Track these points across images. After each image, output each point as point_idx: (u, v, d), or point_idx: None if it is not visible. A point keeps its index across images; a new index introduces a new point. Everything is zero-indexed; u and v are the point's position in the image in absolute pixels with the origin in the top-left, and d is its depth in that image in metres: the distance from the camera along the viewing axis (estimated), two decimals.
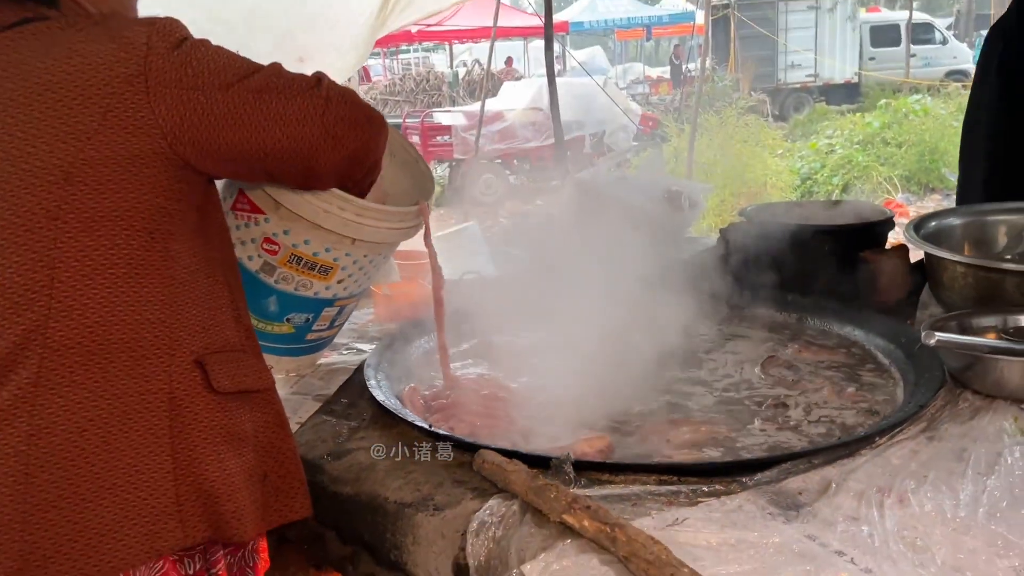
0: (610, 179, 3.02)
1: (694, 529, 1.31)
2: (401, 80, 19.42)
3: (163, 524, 1.29)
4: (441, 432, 1.64)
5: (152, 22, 1.30)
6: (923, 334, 1.62)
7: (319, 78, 1.40)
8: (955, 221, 2.40)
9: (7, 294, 1.24)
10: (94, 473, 1.26)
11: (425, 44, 24.15)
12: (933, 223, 2.37)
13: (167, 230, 1.32)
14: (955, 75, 20.44)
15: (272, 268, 1.79)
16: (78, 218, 1.25)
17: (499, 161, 13.29)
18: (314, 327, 1.91)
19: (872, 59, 20.97)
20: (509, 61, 18.81)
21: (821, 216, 2.72)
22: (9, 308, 1.24)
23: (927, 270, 2.26)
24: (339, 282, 1.84)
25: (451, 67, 21.47)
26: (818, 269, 2.45)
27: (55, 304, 1.24)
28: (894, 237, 2.72)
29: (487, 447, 1.55)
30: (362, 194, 1.70)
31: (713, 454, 1.63)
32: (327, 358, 2.16)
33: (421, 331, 2.23)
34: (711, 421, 1.77)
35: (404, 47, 23.31)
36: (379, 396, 1.81)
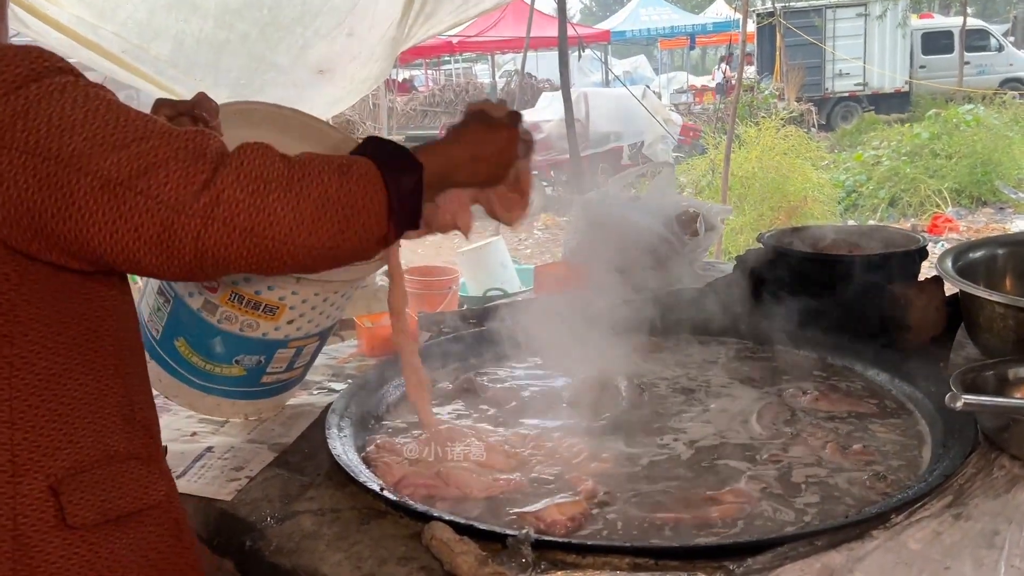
0: (620, 201, 2.81)
1: None
2: (441, 91, 19.32)
3: None
4: (392, 498, 1.46)
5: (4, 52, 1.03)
6: (947, 396, 1.39)
7: (216, 166, 1.05)
8: (998, 252, 2.15)
9: None
10: None
11: (467, 55, 24.12)
12: (972, 254, 2.12)
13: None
14: (1011, 83, 19.74)
15: (214, 307, 1.63)
16: None
17: (536, 172, 13.09)
18: (268, 370, 1.75)
19: (923, 67, 20.33)
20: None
21: (847, 243, 2.48)
22: None
23: (963, 308, 2.02)
24: (290, 322, 1.67)
25: (493, 78, 21.38)
26: (842, 303, 2.22)
27: None
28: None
29: (439, 518, 1.37)
30: None
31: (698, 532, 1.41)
32: (296, 398, 1.99)
33: (399, 369, 2.05)
34: (704, 487, 1.55)
35: (446, 58, 23.28)
36: (336, 449, 1.63)
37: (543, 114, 13.32)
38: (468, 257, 6.76)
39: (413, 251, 10.62)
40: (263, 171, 1.07)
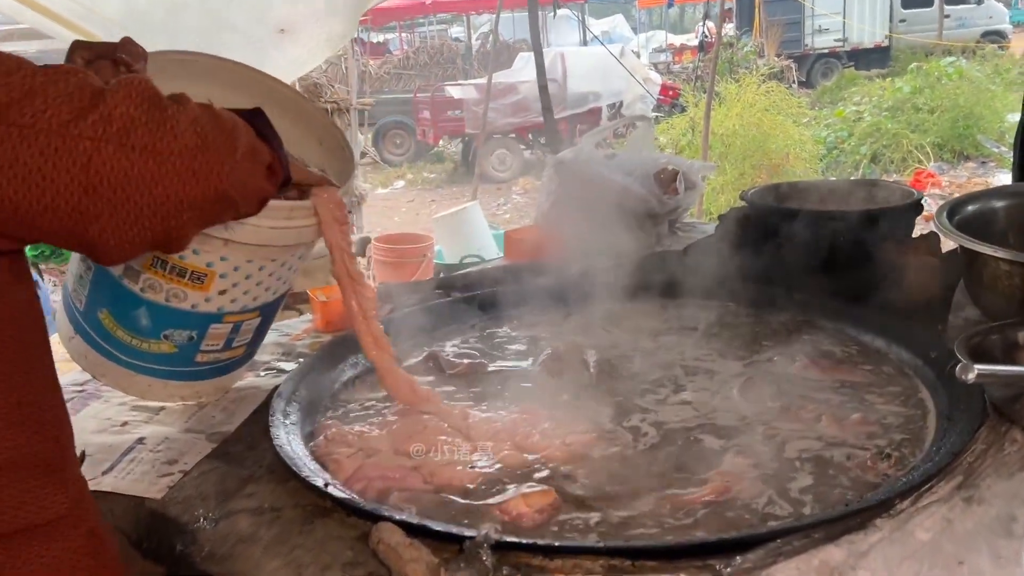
0: (595, 159, 2.64)
1: None
2: (415, 53, 18.92)
3: None
4: (337, 495, 1.30)
5: None
6: (958, 367, 1.25)
7: (101, 91, 0.95)
8: (997, 204, 2.00)
9: None
10: None
11: (442, 16, 23.66)
12: (971, 207, 1.97)
13: None
14: (991, 36, 19.60)
15: (136, 273, 1.46)
16: None
17: (513, 135, 12.88)
18: (202, 347, 1.57)
19: (903, 21, 20.15)
20: None
21: (836, 199, 2.32)
22: None
23: (964, 266, 1.87)
24: (222, 293, 1.49)
25: (469, 39, 20.97)
26: (832, 263, 2.07)
27: None
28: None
29: (388, 517, 1.21)
30: None
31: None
32: (242, 380, 1.82)
33: (356, 346, 1.89)
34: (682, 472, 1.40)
35: (420, 20, 22.81)
36: (278, 439, 1.47)
37: (519, 75, 13.07)
38: (443, 223, 6.59)
39: (389, 218, 10.43)
40: (153, 91, 1.01)
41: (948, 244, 2.03)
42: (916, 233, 2.15)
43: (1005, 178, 9.36)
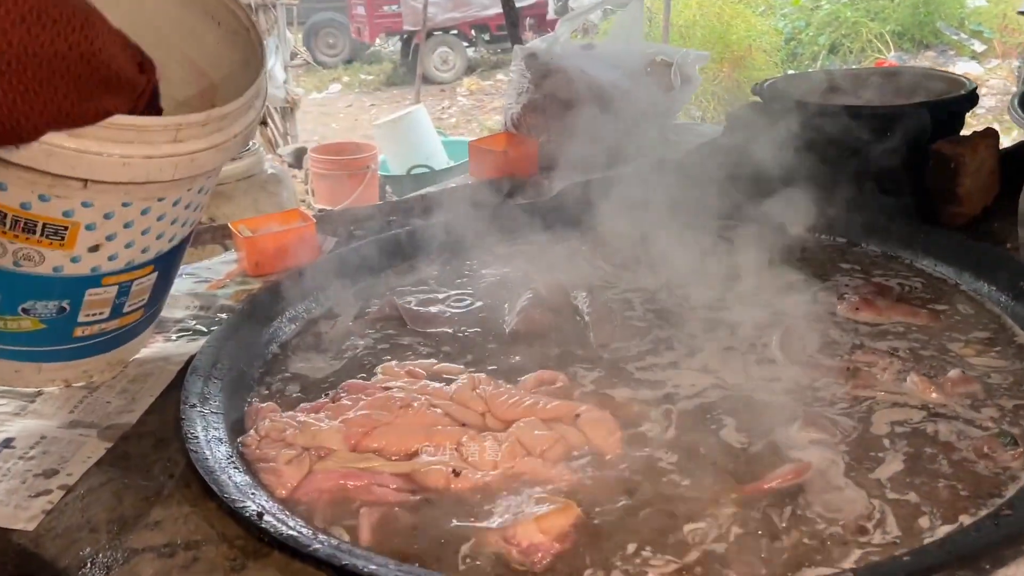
0: (572, 49, 2.21)
1: None
2: None
3: None
4: (277, 532, 0.92)
5: None
6: None
7: None
8: None
9: None
10: None
11: None
12: None
13: None
14: None
15: None
16: None
17: (455, 32, 12.14)
18: (80, 319, 1.16)
19: None
20: None
21: (869, 93, 1.95)
22: None
23: None
24: (93, 249, 1.07)
25: None
26: (869, 169, 1.72)
27: None
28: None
29: (351, 569, 0.84)
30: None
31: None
32: (148, 348, 1.42)
33: (294, 295, 1.49)
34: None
35: None
36: (195, 439, 1.08)
37: None
38: (386, 130, 6.06)
39: (326, 125, 9.80)
40: None
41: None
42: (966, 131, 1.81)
43: (965, 66, 9.10)
